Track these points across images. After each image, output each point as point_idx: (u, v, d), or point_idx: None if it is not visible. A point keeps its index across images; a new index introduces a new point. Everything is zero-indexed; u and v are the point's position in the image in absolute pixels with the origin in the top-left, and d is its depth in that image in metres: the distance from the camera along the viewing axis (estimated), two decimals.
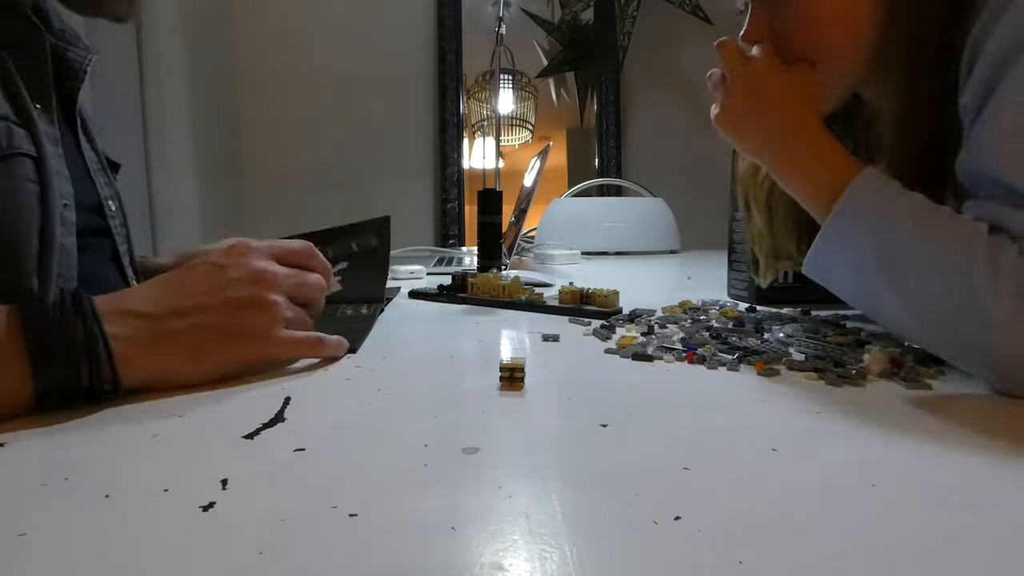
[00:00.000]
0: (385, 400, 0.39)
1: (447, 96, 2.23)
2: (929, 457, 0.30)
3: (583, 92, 2.36)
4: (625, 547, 0.22)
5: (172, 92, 1.73)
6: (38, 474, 0.28)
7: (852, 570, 0.20)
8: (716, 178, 2.33)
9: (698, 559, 0.21)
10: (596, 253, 1.58)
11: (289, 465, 0.29)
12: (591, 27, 2.31)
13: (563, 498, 0.25)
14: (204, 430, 0.33)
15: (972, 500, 0.26)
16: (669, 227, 1.66)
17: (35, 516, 0.24)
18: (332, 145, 2.22)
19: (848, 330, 0.57)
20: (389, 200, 2.27)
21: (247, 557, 0.21)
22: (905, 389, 0.40)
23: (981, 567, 0.21)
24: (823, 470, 0.28)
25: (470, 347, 0.54)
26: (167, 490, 0.26)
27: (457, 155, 2.26)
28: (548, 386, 0.42)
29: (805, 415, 0.36)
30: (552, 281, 0.90)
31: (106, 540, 0.22)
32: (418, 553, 0.21)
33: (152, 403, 0.37)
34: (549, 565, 0.20)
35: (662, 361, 0.47)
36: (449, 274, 0.83)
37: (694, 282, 1.04)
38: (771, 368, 0.44)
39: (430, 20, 2.24)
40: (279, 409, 0.36)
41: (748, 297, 0.76)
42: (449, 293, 0.78)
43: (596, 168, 2.31)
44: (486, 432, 0.33)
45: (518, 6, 2.28)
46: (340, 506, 0.24)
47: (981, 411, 0.38)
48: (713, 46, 0.57)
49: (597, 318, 0.64)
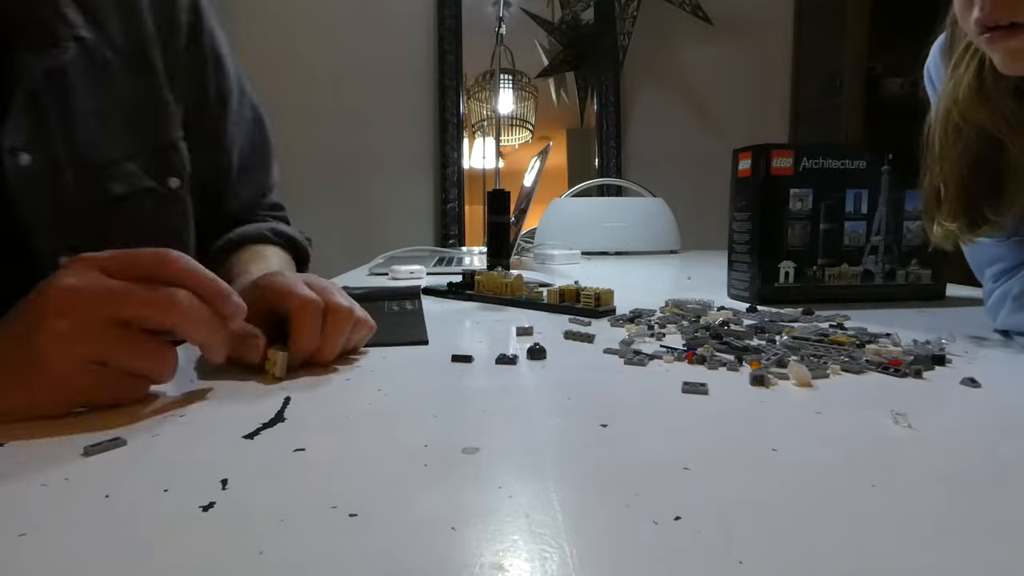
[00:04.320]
0: (385, 400, 0.39)
1: (447, 96, 2.24)
2: (929, 457, 0.30)
3: (583, 92, 2.36)
4: (625, 547, 0.22)
5: None
6: (38, 474, 0.28)
7: (852, 570, 0.20)
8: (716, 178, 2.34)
9: (698, 559, 0.21)
10: (596, 253, 1.58)
11: (289, 465, 0.29)
12: (591, 27, 2.31)
13: (563, 498, 0.25)
14: (204, 430, 0.33)
15: (972, 500, 0.26)
16: (669, 227, 1.66)
17: (35, 516, 0.24)
18: (332, 145, 2.22)
19: (849, 330, 0.57)
20: (389, 199, 2.27)
21: (247, 557, 0.21)
22: (905, 389, 0.40)
23: (982, 567, 0.21)
24: (823, 470, 0.28)
25: (470, 347, 0.54)
26: (167, 490, 0.26)
27: (457, 155, 2.26)
28: (548, 386, 0.42)
29: (805, 415, 0.36)
30: (552, 281, 0.90)
31: (106, 540, 0.22)
32: (418, 553, 0.21)
33: (152, 403, 0.38)
34: (549, 565, 0.20)
35: (662, 361, 0.47)
36: (449, 273, 0.84)
37: (694, 282, 1.04)
38: (771, 368, 0.44)
39: (430, 20, 2.24)
40: (279, 409, 0.36)
41: (748, 297, 0.76)
42: (458, 290, 0.81)
43: (596, 168, 2.32)
44: (486, 432, 0.33)
45: (518, 6, 2.28)
46: (340, 506, 0.24)
47: (981, 411, 0.38)
48: (715, 47, 0.56)
49: (595, 316, 0.65)
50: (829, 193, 0.75)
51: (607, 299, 0.68)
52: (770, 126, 2.36)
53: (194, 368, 0.45)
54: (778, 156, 0.74)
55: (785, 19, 2.35)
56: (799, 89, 2.35)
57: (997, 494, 0.26)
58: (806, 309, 0.67)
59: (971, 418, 0.36)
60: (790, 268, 0.75)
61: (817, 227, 0.75)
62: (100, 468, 0.28)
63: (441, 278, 0.91)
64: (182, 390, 0.40)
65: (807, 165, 0.74)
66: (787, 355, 0.47)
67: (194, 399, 0.38)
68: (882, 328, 0.57)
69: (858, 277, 0.77)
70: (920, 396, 0.40)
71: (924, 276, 0.77)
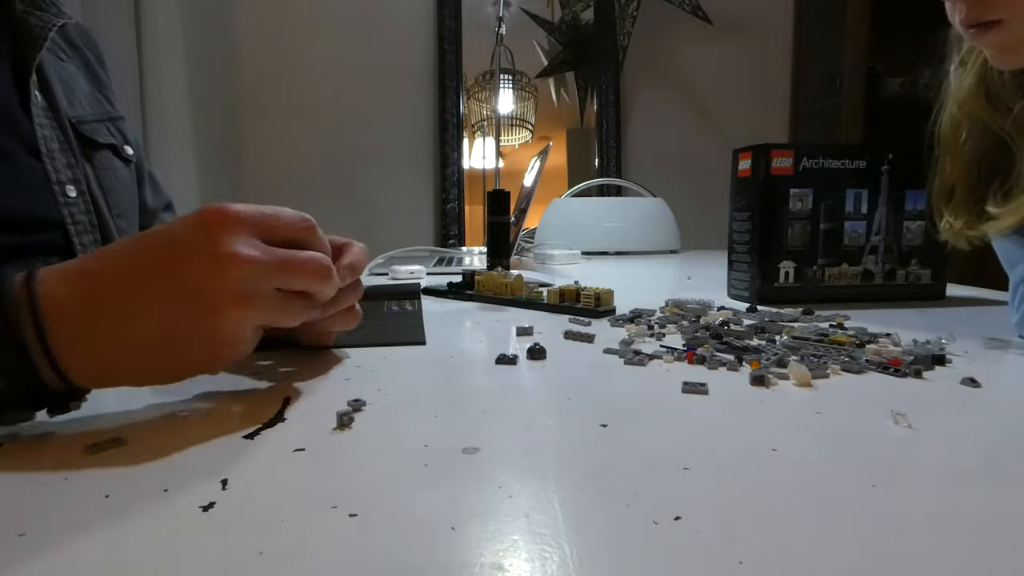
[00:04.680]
0: (385, 400, 0.39)
1: (447, 96, 2.24)
2: (929, 457, 0.30)
3: (583, 92, 2.36)
4: (625, 547, 0.22)
5: (172, 94, 1.73)
6: (38, 474, 0.28)
7: (852, 570, 0.20)
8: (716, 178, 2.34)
9: (698, 559, 0.21)
10: (596, 253, 1.58)
11: (289, 465, 0.29)
12: (591, 27, 2.31)
13: (563, 498, 0.25)
14: (204, 430, 0.33)
15: (973, 500, 0.26)
16: (669, 227, 1.66)
17: (35, 516, 0.24)
18: (332, 144, 2.22)
19: (849, 330, 0.57)
20: (389, 199, 2.27)
21: (247, 557, 0.21)
22: (905, 389, 0.40)
23: (982, 567, 0.21)
24: (823, 470, 0.28)
25: (470, 346, 0.54)
26: (167, 490, 0.26)
27: (457, 155, 2.26)
28: (548, 386, 0.42)
29: (805, 415, 0.36)
30: (552, 281, 0.90)
31: (106, 540, 0.22)
32: (418, 553, 0.21)
33: (152, 402, 0.38)
34: (549, 565, 0.20)
35: (662, 361, 0.47)
36: (449, 273, 0.84)
37: (694, 282, 1.04)
38: (771, 368, 0.44)
39: (430, 20, 2.24)
40: (279, 409, 0.36)
41: (748, 297, 0.76)
42: (458, 290, 0.80)
43: (596, 168, 2.31)
44: (486, 432, 0.33)
45: (518, 6, 2.28)
46: (340, 506, 0.24)
47: (981, 411, 0.38)
48: (715, 47, 0.56)
49: (595, 316, 0.65)
50: (829, 193, 0.75)
51: (607, 299, 0.68)
52: (770, 126, 2.36)
53: None
54: (778, 156, 0.74)
55: (785, 19, 2.35)
56: (799, 89, 2.35)
57: (997, 494, 0.26)
58: (806, 309, 0.67)
59: (971, 418, 0.36)
60: (790, 268, 0.75)
61: (817, 227, 0.75)
62: (100, 468, 0.28)
63: (441, 278, 0.91)
64: (182, 390, 0.40)
65: (807, 165, 0.74)
66: (787, 355, 0.47)
67: (194, 399, 0.38)
68: (882, 328, 0.57)
69: (858, 277, 0.77)
70: (920, 396, 0.40)
71: (924, 276, 0.77)
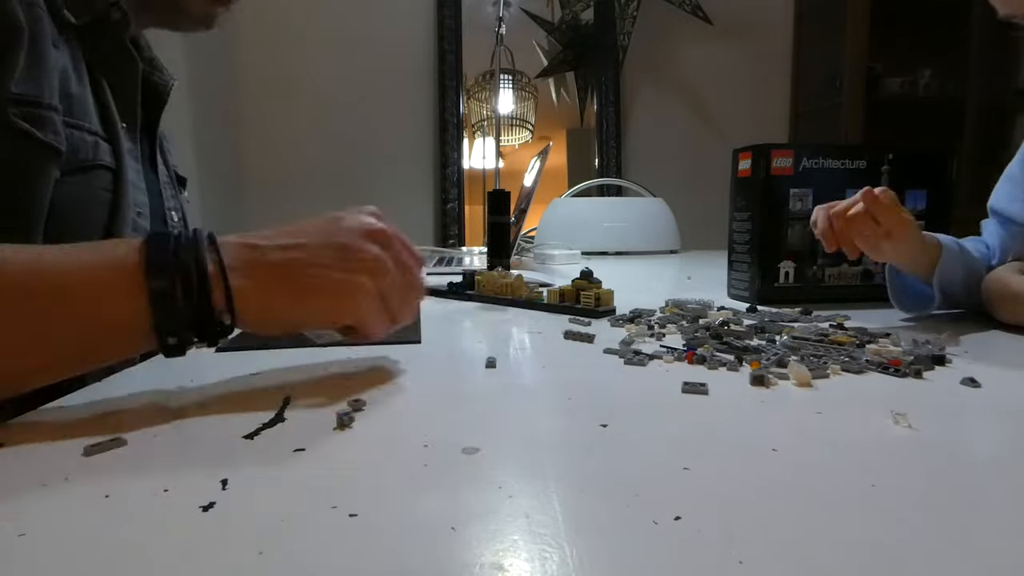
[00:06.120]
0: (385, 400, 0.39)
1: (447, 96, 2.24)
2: (929, 457, 0.30)
3: (583, 92, 2.36)
4: (625, 547, 0.22)
5: (171, 94, 1.73)
6: (38, 474, 0.28)
7: (852, 570, 0.20)
8: (716, 178, 2.34)
9: (698, 559, 0.21)
10: (596, 253, 1.58)
11: (289, 465, 0.29)
12: (591, 27, 2.31)
13: (563, 498, 0.25)
14: (204, 430, 0.33)
15: (972, 500, 0.26)
16: (669, 227, 1.66)
17: (35, 516, 0.24)
18: (332, 145, 2.22)
19: (849, 330, 0.57)
20: (389, 200, 2.27)
21: (247, 557, 0.21)
22: (905, 389, 0.40)
23: (982, 567, 0.21)
24: (823, 470, 0.28)
25: (470, 346, 0.54)
26: (167, 490, 0.26)
27: (457, 155, 2.26)
28: (548, 386, 0.42)
29: (805, 415, 0.36)
30: (552, 281, 0.90)
31: (106, 540, 0.22)
32: (418, 553, 0.21)
33: (152, 402, 0.37)
34: (549, 565, 0.20)
35: (662, 361, 0.47)
36: (449, 274, 0.84)
37: (694, 282, 1.04)
38: (771, 368, 0.44)
39: (430, 20, 2.24)
40: (279, 409, 0.36)
41: (748, 297, 0.76)
42: (458, 290, 0.80)
43: (596, 168, 2.31)
44: (486, 432, 0.33)
45: (518, 6, 2.28)
46: (340, 506, 0.24)
47: (981, 411, 0.38)
48: (715, 47, 0.57)
49: (595, 316, 0.65)
50: (829, 193, 0.74)
51: (607, 299, 0.68)
52: (770, 126, 2.36)
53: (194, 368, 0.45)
54: (778, 156, 0.74)
55: (785, 19, 2.35)
56: (799, 89, 2.35)
57: (997, 494, 0.26)
58: (806, 309, 0.67)
59: (971, 418, 0.36)
60: (790, 268, 0.75)
61: None
62: (100, 468, 0.28)
63: (441, 278, 0.91)
64: (182, 390, 0.40)
65: (807, 165, 0.74)
66: (787, 355, 0.47)
67: (194, 399, 0.38)
68: (882, 328, 0.57)
69: (858, 277, 0.77)
70: (920, 396, 0.40)
71: None
